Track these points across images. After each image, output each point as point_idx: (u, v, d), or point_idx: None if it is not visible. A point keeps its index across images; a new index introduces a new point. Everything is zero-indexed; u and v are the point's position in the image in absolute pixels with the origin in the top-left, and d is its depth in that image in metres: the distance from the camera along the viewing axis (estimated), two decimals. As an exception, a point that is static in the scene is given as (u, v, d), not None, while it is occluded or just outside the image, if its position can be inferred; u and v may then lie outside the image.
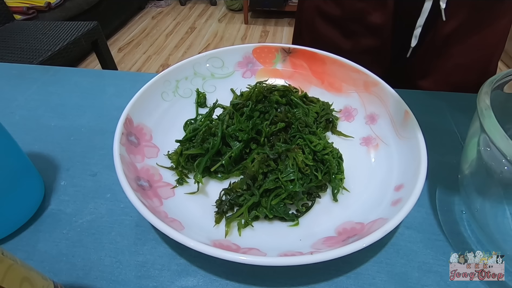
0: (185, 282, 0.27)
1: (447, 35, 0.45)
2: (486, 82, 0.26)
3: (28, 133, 0.40)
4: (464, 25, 0.44)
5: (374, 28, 0.48)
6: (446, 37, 0.46)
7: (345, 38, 0.50)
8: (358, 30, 0.49)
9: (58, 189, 0.34)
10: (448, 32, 0.45)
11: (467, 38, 0.45)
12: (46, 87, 0.48)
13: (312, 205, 0.31)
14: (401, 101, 0.34)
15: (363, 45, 0.50)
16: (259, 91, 0.38)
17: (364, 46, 0.50)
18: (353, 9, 0.47)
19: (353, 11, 0.47)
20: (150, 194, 0.29)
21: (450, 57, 0.47)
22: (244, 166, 0.33)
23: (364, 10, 0.46)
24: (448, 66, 0.48)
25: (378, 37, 0.49)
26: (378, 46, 0.49)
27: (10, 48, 1.27)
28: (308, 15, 0.53)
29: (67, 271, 0.27)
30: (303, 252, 0.24)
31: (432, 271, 0.27)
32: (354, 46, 0.50)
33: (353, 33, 0.49)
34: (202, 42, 2.23)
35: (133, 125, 0.34)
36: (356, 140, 0.38)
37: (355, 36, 0.49)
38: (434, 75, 0.49)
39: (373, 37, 0.49)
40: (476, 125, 0.25)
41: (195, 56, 0.42)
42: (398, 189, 0.29)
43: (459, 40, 0.46)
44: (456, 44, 0.46)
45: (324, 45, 0.44)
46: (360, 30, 0.49)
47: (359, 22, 0.48)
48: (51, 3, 1.74)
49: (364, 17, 0.47)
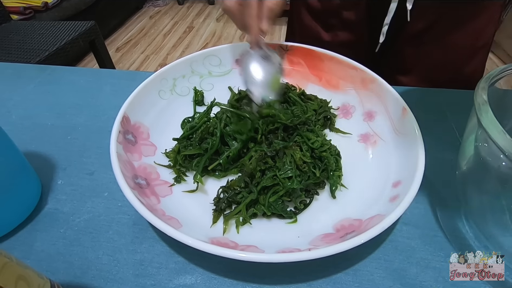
0: (183, 280, 0.26)
1: (419, 34, 0.48)
2: (483, 78, 0.26)
3: (24, 133, 0.39)
4: (435, 26, 0.47)
5: (349, 23, 0.51)
6: (418, 36, 0.48)
7: (325, 31, 0.54)
8: (336, 24, 0.52)
9: (55, 188, 0.34)
10: (419, 32, 0.48)
11: (440, 38, 0.48)
12: (43, 86, 0.48)
13: (310, 202, 0.31)
14: (399, 98, 0.34)
15: (340, 39, 0.53)
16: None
17: (341, 39, 0.53)
18: (332, 5, 0.51)
19: (332, 6, 0.51)
20: (147, 192, 0.29)
21: (426, 56, 0.50)
22: (241, 163, 0.33)
23: (340, 5, 0.50)
24: (426, 64, 0.51)
25: (353, 32, 0.52)
26: (353, 40, 0.52)
27: (7, 49, 1.26)
28: (296, 8, 0.57)
29: (64, 270, 0.27)
30: (301, 249, 0.24)
31: (430, 267, 0.27)
32: (333, 39, 0.54)
33: (332, 27, 0.53)
34: (200, 41, 2.23)
35: (130, 123, 0.34)
36: (354, 137, 0.38)
37: (334, 30, 0.53)
38: (413, 72, 0.52)
39: (349, 32, 0.52)
40: (473, 121, 0.25)
41: (192, 54, 0.42)
42: (396, 185, 0.29)
43: (432, 40, 0.48)
44: (430, 44, 0.49)
45: (309, 37, 0.48)
46: (338, 24, 0.52)
47: (337, 17, 0.51)
48: (48, 3, 1.73)
49: (340, 12, 0.51)
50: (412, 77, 0.52)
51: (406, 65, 0.52)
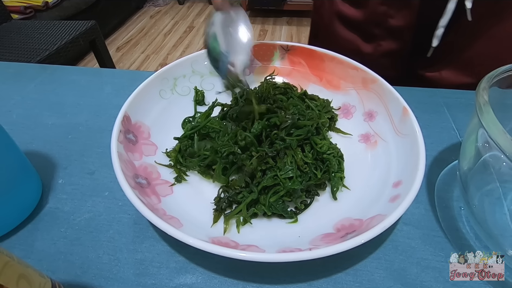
0: (184, 280, 0.26)
1: (466, 29, 0.45)
2: (484, 78, 0.26)
3: (25, 132, 0.39)
4: (483, 18, 0.43)
5: (396, 31, 0.48)
6: (465, 31, 0.45)
7: (366, 41, 0.50)
8: (379, 33, 0.49)
9: (56, 187, 0.34)
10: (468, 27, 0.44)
11: (487, 30, 0.44)
12: (44, 85, 0.48)
13: (311, 202, 0.31)
14: (400, 98, 0.34)
15: (383, 49, 0.50)
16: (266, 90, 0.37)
17: (384, 49, 0.50)
18: (375, 13, 0.47)
19: (375, 14, 0.47)
20: (148, 192, 0.29)
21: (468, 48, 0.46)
22: (242, 163, 0.33)
23: (386, 13, 0.46)
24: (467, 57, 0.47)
25: (399, 39, 0.49)
26: (398, 49, 0.49)
27: (8, 48, 1.26)
28: (326, 19, 0.53)
29: (65, 269, 0.27)
30: (302, 249, 0.24)
31: (431, 267, 0.27)
32: (375, 50, 0.50)
33: (373, 37, 0.49)
34: (200, 41, 2.23)
35: (131, 123, 0.34)
36: (354, 138, 0.38)
37: (376, 40, 0.50)
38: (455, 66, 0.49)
39: (394, 40, 0.49)
40: (474, 121, 0.25)
41: (193, 54, 0.42)
42: (397, 186, 0.29)
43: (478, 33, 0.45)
44: (473, 35, 0.45)
45: (343, 48, 0.43)
46: (381, 33, 0.49)
47: (381, 26, 0.48)
48: (48, 3, 1.74)
49: (385, 20, 0.47)
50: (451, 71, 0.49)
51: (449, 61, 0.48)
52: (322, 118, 0.36)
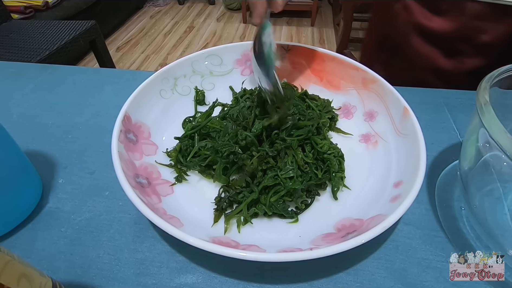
0: (184, 279, 0.26)
1: None
2: (484, 78, 0.26)
3: (25, 132, 0.39)
4: None
5: (485, 47, 0.44)
6: None
7: (447, 57, 0.46)
8: (465, 49, 0.45)
9: (56, 187, 0.34)
10: None
11: None
12: (44, 85, 0.48)
13: (312, 202, 0.31)
14: (400, 98, 0.34)
15: (467, 66, 0.46)
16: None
17: (468, 67, 0.45)
18: (466, 27, 0.43)
19: (466, 29, 0.43)
20: (148, 191, 0.29)
21: None
22: (243, 163, 0.33)
23: (479, 28, 0.42)
24: None
25: (488, 57, 0.45)
26: (484, 66, 0.43)
27: (8, 48, 1.26)
28: (401, 30, 0.49)
29: (65, 269, 0.27)
30: (303, 248, 0.24)
31: (431, 267, 0.27)
32: (456, 67, 0.46)
33: (457, 52, 0.45)
34: (200, 41, 2.23)
35: (131, 123, 0.34)
36: (355, 138, 0.38)
37: (460, 56, 0.45)
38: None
39: (481, 57, 0.45)
40: (475, 121, 0.25)
41: (193, 54, 0.42)
42: (397, 186, 0.29)
43: None
44: None
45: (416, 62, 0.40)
46: (468, 49, 0.45)
47: (469, 42, 0.44)
48: (48, 2, 1.73)
49: (475, 36, 0.43)
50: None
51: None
52: (322, 118, 0.36)
